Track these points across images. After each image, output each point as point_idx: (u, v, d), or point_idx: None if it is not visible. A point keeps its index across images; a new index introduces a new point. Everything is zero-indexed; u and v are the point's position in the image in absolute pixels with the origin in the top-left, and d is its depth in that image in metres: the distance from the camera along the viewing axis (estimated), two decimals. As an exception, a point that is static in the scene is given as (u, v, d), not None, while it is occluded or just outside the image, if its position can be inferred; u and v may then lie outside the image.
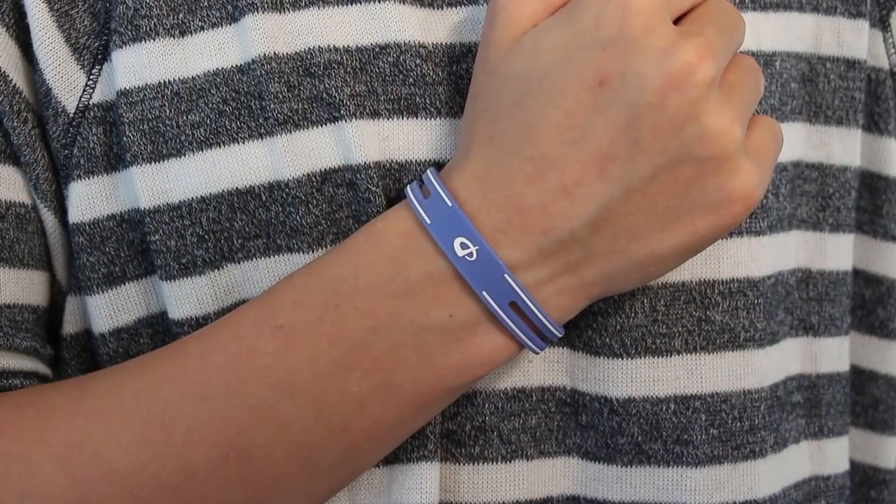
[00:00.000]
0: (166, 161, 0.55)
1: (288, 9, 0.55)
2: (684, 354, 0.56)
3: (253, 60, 0.54)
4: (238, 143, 0.54)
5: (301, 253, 0.54)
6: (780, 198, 0.58)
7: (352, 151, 0.54)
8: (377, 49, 0.55)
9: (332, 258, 0.52)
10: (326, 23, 0.55)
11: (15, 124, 0.56)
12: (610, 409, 0.56)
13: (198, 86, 0.55)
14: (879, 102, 0.63)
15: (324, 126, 0.54)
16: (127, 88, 0.55)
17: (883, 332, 0.66)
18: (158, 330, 0.58)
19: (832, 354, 0.62)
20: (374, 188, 0.53)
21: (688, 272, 0.56)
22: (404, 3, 0.55)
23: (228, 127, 0.55)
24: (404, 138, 0.54)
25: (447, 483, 0.56)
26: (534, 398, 0.57)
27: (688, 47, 0.48)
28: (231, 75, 0.55)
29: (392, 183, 0.54)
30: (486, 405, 0.56)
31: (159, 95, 0.55)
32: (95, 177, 0.56)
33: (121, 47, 0.56)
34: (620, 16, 0.48)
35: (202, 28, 0.55)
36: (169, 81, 0.55)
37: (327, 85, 0.54)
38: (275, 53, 0.54)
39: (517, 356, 0.56)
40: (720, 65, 0.49)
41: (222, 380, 0.51)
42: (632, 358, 0.56)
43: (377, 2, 0.55)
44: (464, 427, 0.56)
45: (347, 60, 0.54)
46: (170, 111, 0.55)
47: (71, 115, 0.56)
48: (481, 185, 0.50)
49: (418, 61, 0.55)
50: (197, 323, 0.55)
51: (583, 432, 0.57)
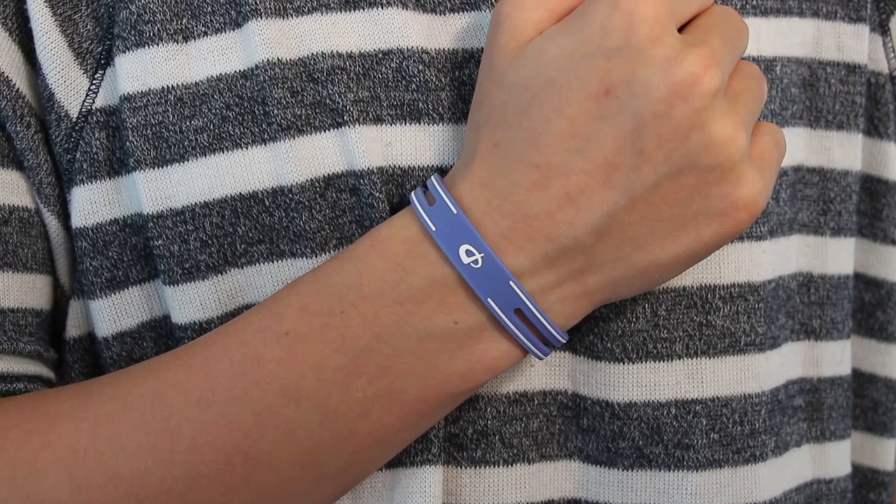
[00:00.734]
0: (169, 166, 0.55)
1: (291, 14, 0.55)
2: (685, 359, 0.57)
3: (256, 66, 0.54)
4: (241, 149, 0.55)
5: (304, 258, 0.54)
6: (781, 202, 0.59)
7: (355, 157, 0.54)
8: (380, 55, 0.55)
9: (337, 264, 0.52)
10: (330, 29, 0.55)
11: (18, 129, 0.56)
12: (611, 414, 0.56)
13: (201, 91, 0.55)
14: (879, 106, 0.63)
15: (327, 131, 0.54)
16: (130, 93, 0.55)
17: (882, 336, 0.66)
18: (162, 334, 0.58)
19: (834, 358, 0.62)
20: (378, 193, 0.54)
21: (689, 277, 0.56)
22: (407, 9, 0.55)
23: (232, 132, 0.55)
24: (407, 144, 0.55)
25: (449, 486, 0.56)
26: (535, 402, 0.57)
27: (693, 57, 0.48)
28: (234, 81, 0.55)
29: (395, 188, 0.54)
30: (489, 409, 0.56)
31: (162, 101, 0.55)
32: (98, 181, 0.57)
33: (124, 52, 0.56)
34: (626, 25, 0.48)
35: (205, 33, 0.55)
36: (172, 87, 0.55)
37: (330, 90, 0.54)
38: (278, 59, 0.54)
39: (520, 361, 0.56)
40: (725, 73, 0.49)
41: (227, 385, 0.51)
42: (633, 363, 0.56)
43: (380, 8, 0.55)
44: (466, 431, 0.56)
45: (350, 66, 0.54)
46: (173, 116, 0.55)
47: (74, 120, 0.56)
48: (486, 193, 0.50)
49: (421, 67, 0.55)
50: (200, 327, 0.56)
51: (584, 436, 0.57)
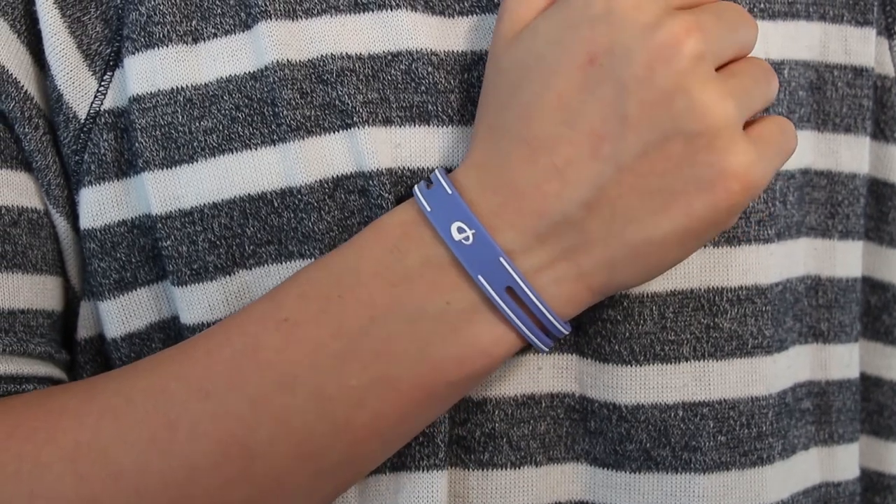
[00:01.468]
0: (178, 167, 0.55)
1: (301, 16, 0.55)
2: (693, 361, 0.57)
3: (266, 67, 0.54)
4: (250, 150, 0.55)
5: (313, 259, 0.54)
6: (788, 205, 0.59)
7: (364, 158, 0.54)
8: (389, 57, 0.55)
9: (338, 251, 0.52)
10: (339, 30, 0.55)
11: (26, 130, 0.56)
12: (619, 416, 0.57)
13: (210, 92, 0.55)
14: (885, 110, 0.63)
15: (336, 133, 0.54)
16: (139, 94, 0.55)
17: (888, 339, 0.66)
18: (170, 335, 0.58)
19: (842, 361, 0.63)
20: (387, 195, 0.54)
21: (696, 279, 0.57)
22: (416, 11, 0.55)
23: (241, 133, 0.55)
24: (416, 145, 0.55)
25: (456, 489, 0.56)
26: (543, 405, 0.57)
27: (674, 21, 0.48)
28: (244, 82, 0.55)
29: (404, 190, 0.54)
30: (496, 412, 0.56)
31: (172, 101, 0.55)
32: (107, 183, 0.57)
33: (133, 53, 0.56)
34: None
35: (215, 35, 0.55)
36: (181, 88, 0.55)
37: (340, 92, 0.54)
38: (287, 60, 0.54)
39: (525, 363, 0.56)
40: (713, 46, 0.49)
41: (226, 375, 0.51)
42: (640, 365, 0.56)
43: (390, 10, 0.55)
44: (473, 433, 0.56)
45: (360, 68, 0.55)
46: (182, 117, 0.55)
47: (82, 121, 0.56)
48: (480, 172, 0.50)
49: (430, 69, 0.55)
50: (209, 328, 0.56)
51: (591, 439, 0.57)
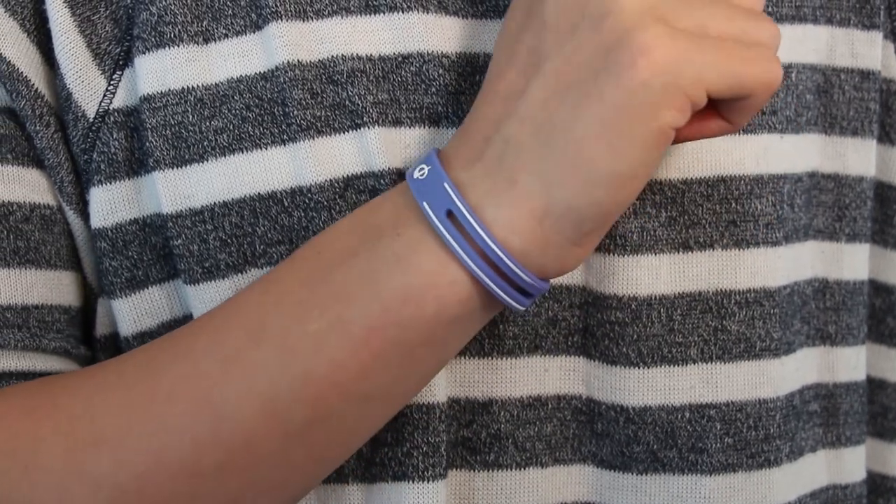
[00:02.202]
0: (189, 166, 0.55)
1: (312, 17, 0.55)
2: (700, 363, 0.57)
3: (276, 67, 0.55)
4: (261, 149, 0.55)
5: None
6: (796, 208, 0.59)
7: (374, 158, 0.54)
8: (400, 58, 0.55)
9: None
10: (350, 31, 0.55)
11: (37, 128, 0.56)
12: (626, 418, 0.57)
13: (221, 92, 0.55)
14: (891, 113, 0.63)
15: (346, 133, 0.54)
16: (150, 94, 0.56)
17: (893, 342, 0.66)
18: None
19: (849, 364, 0.63)
20: None
21: (704, 282, 0.57)
22: (428, 13, 0.55)
23: (251, 133, 0.55)
24: (426, 147, 0.55)
25: (462, 490, 0.56)
26: (549, 406, 0.57)
27: None
28: (254, 82, 0.55)
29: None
30: (502, 413, 0.56)
31: (182, 101, 0.55)
32: (117, 182, 0.57)
33: (144, 53, 0.56)
34: None
35: (226, 36, 0.55)
36: (192, 87, 0.55)
37: (350, 92, 0.54)
38: (298, 61, 0.54)
39: (532, 364, 0.57)
40: None
41: (210, 336, 0.51)
42: (648, 367, 0.56)
43: (401, 11, 0.55)
44: (479, 434, 0.56)
45: (370, 69, 0.55)
46: (193, 117, 0.55)
47: (91, 120, 0.56)
48: (461, 128, 0.51)
49: (441, 71, 0.55)
50: None
51: (598, 440, 0.57)
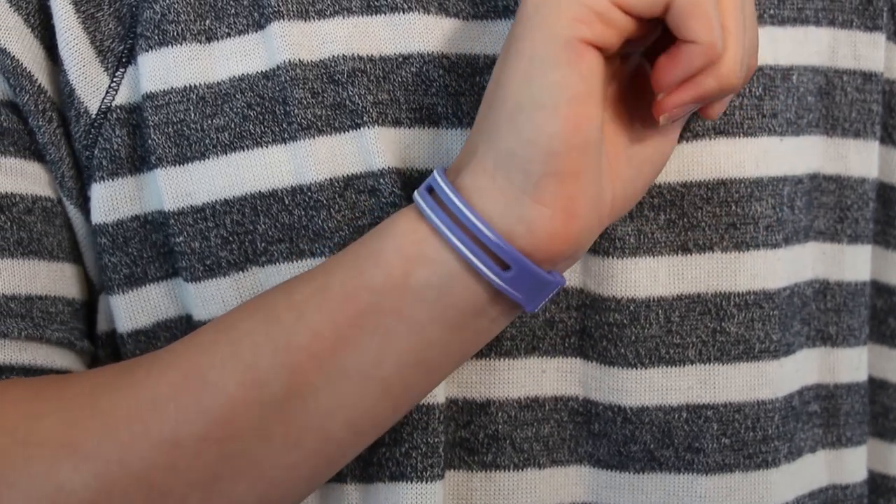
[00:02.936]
0: (191, 164, 0.56)
1: (314, 17, 0.55)
2: (698, 364, 0.57)
3: (278, 67, 0.55)
4: (262, 147, 0.55)
5: (324, 258, 0.55)
6: (796, 210, 0.59)
7: (373, 158, 0.54)
8: (400, 59, 0.55)
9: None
10: (351, 32, 0.55)
11: (40, 123, 0.57)
12: (623, 418, 0.57)
13: (223, 90, 0.55)
14: (894, 115, 0.63)
15: (346, 133, 0.55)
16: (152, 92, 0.56)
17: (894, 342, 0.66)
18: (176, 334, 0.58)
19: (851, 364, 0.63)
20: (398, 191, 0.54)
21: (704, 284, 0.57)
22: (429, 14, 0.55)
23: (252, 131, 0.55)
24: (426, 147, 0.55)
25: (460, 491, 0.57)
26: (547, 407, 0.57)
27: None
28: (256, 81, 0.55)
29: (412, 192, 0.54)
30: (500, 414, 0.57)
31: (184, 99, 0.56)
32: (119, 178, 0.57)
33: (147, 51, 0.56)
34: None
35: (229, 35, 0.56)
36: (194, 86, 0.56)
37: (350, 92, 0.55)
38: (300, 60, 0.55)
39: (529, 366, 0.57)
40: None
41: (223, 319, 0.53)
42: (645, 367, 0.57)
43: (402, 12, 0.55)
44: (477, 435, 0.57)
45: (371, 69, 0.55)
46: (195, 115, 0.55)
47: (93, 117, 0.57)
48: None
49: (441, 72, 0.55)
50: None
51: (595, 441, 0.58)
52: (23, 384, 0.54)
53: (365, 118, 0.54)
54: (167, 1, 0.56)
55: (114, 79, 0.57)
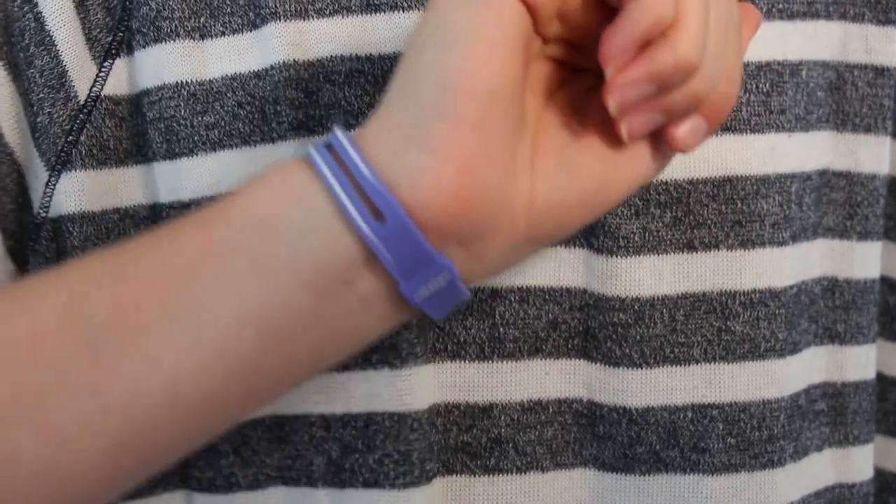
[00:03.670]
0: (179, 160, 0.56)
1: (313, 16, 0.55)
2: (703, 364, 0.57)
3: (272, 66, 0.55)
4: (249, 146, 0.55)
5: None
6: (805, 207, 0.58)
7: None
8: (399, 58, 0.55)
9: None
10: (349, 31, 0.55)
11: None
12: (629, 419, 0.57)
13: (214, 88, 0.55)
14: None
15: None
16: (148, 88, 0.56)
17: None
18: None
19: (859, 362, 0.62)
20: None
21: (709, 282, 0.56)
22: None
23: (241, 129, 0.55)
24: None
25: (462, 495, 0.56)
26: (550, 410, 0.57)
27: None
28: (248, 80, 0.55)
29: None
30: (502, 417, 0.56)
31: (176, 95, 0.55)
32: (105, 169, 0.57)
33: (144, 47, 0.56)
34: None
35: (223, 33, 0.55)
36: (186, 82, 0.55)
37: (347, 93, 0.54)
38: (294, 60, 0.54)
39: (532, 368, 0.56)
40: None
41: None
42: (650, 367, 0.56)
43: (402, 11, 0.55)
44: (479, 439, 0.56)
45: (369, 69, 0.55)
46: (185, 111, 0.55)
47: (81, 102, 0.56)
48: None
49: None
50: None
51: (600, 443, 0.57)
52: None
53: (361, 119, 0.54)
54: None
55: (101, 69, 0.56)
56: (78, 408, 0.44)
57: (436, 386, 0.56)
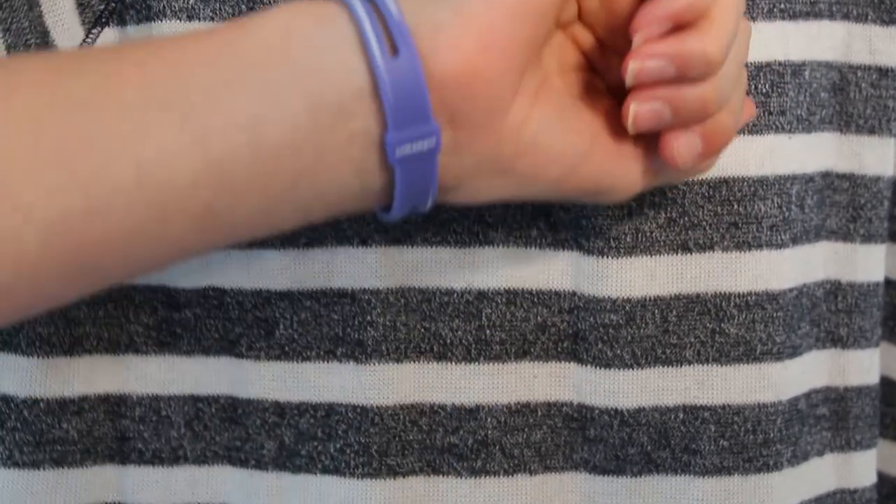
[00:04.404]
0: None
1: None
2: (696, 365, 0.56)
3: None
4: None
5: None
6: (806, 209, 0.58)
7: None
8: None
9: None
10: None
11: None
12: (620, 421, 0.56)
13: None
14: None
15: None
16: None
17: None
18: None
19: (861, 367, 0.62)
20: None
21: (703, 284, 0.56)
22: None
23: None
24: None
25: (448, 496, 0.56)
26: (539, 413, 0.57)
27: None
28: None
29: None
30: (489, 419, 0.56)
31: None
32: None
33: (137, 24, 0.55)
34: None
35: (212, 18, 0.55)
36: None
37: None
38: None
39: (520, 370, 0.56)
40: None
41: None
42: (642, 368, 0.56)
43: None
44: (466, 441, 0.56)
45: None
46: None
47: None
48: None
49: None
50: None
51: (591, 447, 0.57)
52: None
53: None
54: None
55: (88, 35, 0.56)
56: (34, 169, 0.41)
57: (419, 386, 0.56)
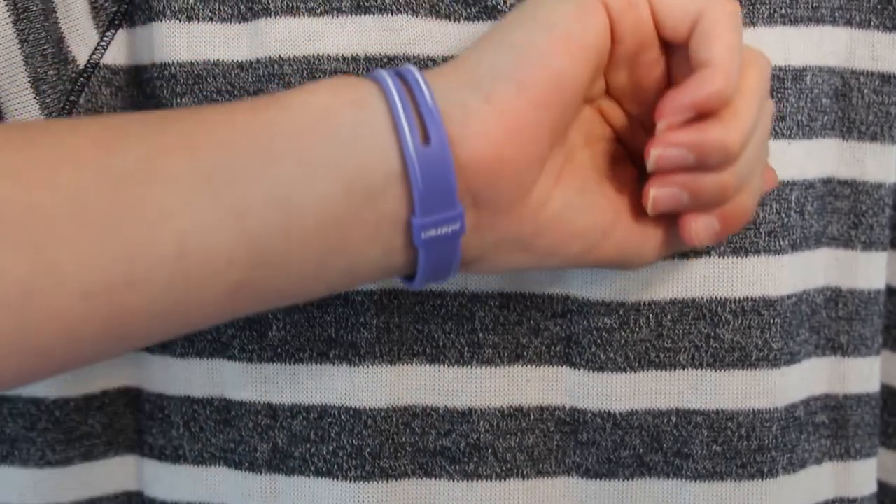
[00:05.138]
0: None
1: (303, 14, 0.55)
2: (689, 369, 0.56)
3: (258, 60, 0.55)
4: None
5: None
6: (807, 215, 0.58)
7: None
8: (385, 60, 0.55)
9: None
10: (338, 31, 0.55)
11: None
12: (613, 424, 0.56)
13: (195, 72, 0.55)
14: None
15: None
16: (143, 64, 0.56)
17: None
18: None
19: (862, 375, 0.61)
20: None
21: (699, 289, 0.56)
22: (418, 16, 0.55)
23: None
24: None
25: (441, 499, 0.56)
26: (531, 417, 0.57)
27: None
28: (231, 69, 0.55)
29: None
30: (481, 423, 0.56)
31: (159, 75, 0.55)
32: None
33: (143, 24, 0.56)
34: None
35: (210, 19, 0.56)
36: (168, 63, 0.55)
37: None
38: (280, 56, 0.54)
39: (512, 374, 0.56)
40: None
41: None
42: (635, 371, 0.56)
43: (391, 14, 0.55)
44: (458, 444, 0.56)
45: (354, 69, 0.55)
46: (166, 91, 0.55)
47: (81, 67, 0.56)
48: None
49: None
50: None
51: (583, 450, 0.57)
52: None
53: None
54: None
55: (103, 38, 0.56)
56: (80, 240, 0.42)
57: (411, 389, 0.56)
